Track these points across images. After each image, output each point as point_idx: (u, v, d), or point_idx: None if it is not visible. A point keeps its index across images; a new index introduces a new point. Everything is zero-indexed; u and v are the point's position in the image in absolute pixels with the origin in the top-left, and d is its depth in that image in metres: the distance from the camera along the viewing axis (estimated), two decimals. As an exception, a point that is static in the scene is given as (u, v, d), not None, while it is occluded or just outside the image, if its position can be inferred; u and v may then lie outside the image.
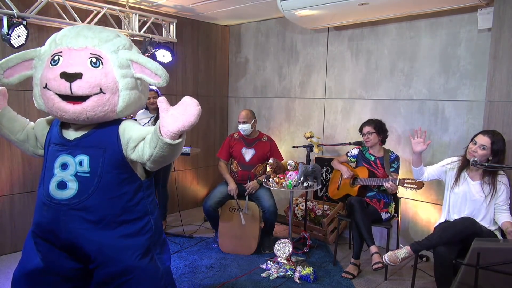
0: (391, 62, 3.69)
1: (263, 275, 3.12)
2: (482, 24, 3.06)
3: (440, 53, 3.38)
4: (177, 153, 1.74)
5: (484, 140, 2.54)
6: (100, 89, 1.73)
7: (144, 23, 4.02)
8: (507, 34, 2.79)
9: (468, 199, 2.64)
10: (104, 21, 3.71)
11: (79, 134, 1.82)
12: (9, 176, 3.46)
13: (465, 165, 2.70)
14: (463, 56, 3.26)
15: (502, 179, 2.59)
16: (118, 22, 3.85)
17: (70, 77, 1.68)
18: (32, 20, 3.25)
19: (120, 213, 1.81)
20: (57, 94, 1.71)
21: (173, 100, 4.58)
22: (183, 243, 3.76)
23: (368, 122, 3.34)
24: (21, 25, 3.06)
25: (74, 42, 1.76)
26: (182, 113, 1.58)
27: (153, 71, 1.78)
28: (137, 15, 3.90)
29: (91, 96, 1.72)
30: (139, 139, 1.79)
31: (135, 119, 3.76)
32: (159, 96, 3.86)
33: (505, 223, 2.53)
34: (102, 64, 1.75)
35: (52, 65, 1.72)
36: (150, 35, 4.01)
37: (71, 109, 1.71)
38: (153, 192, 2.01)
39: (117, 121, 1.87)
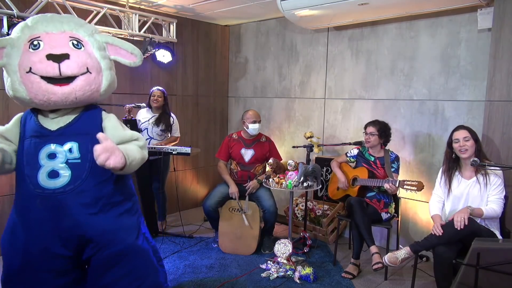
0: (391, 62, 3.69)
1: (263, 275, 3.12)
2: (482, 24, 3.06)
3: (440, 53, 3.38)
4: (135, 165, 1.85)
5: (463, 133, 2.63)
6: (87, 68, 1.79)
7: (144, 23, 4.02)
8: (507, 34, 2.79)
9: (467, 199, 2.63)
10: (104, 21, 3.72)
11: (62, 123, 1.85)
12: (9, 176, 3.45)
13: (450, 168, 2.71)
14: (463, 56, 3.26)
15: (495, 171, 2.58)
16: (118, 22, 3.85)
17: (58, 57, 1.72)
18: (32, 20, 3.25)
19: (112, 194, 1.89)
20: (42, 77, 1.71)
21: (173, 100, 4.60)
22: (183, 243, 3.76)
23: (374, 123, 3.32)
24: (21, 25, 3.05)
25: (51, 27, 1.79)
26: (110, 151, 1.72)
27: (130, 51, 1.93)
28: (137, 15, 3.91)
29: (78, 76, 1.77)
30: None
31: (135, 119, 3.77)
32: (165, 95, 3.89)
33: (476, 208, 2.49)
34: (83, 46, 1.82)
35: (33, 49, 1.73)
36: (150, 35, 4.01)
37: (59, 91, 1.74)
38: (130, 176, 2.11)
39: (96, 109, 1.95)
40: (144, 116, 3.88)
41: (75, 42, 1.81)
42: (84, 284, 1.98)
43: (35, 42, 1.75)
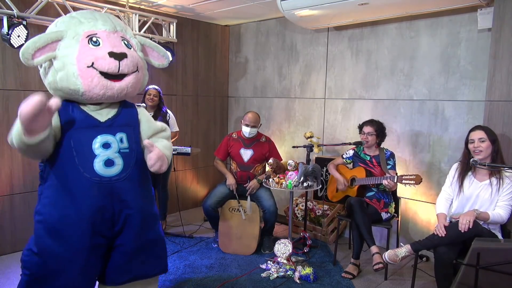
0: (391, 62, 3.69)
1: (263, 275, 3.12)
2: (482, 24, 3.05)
3: (440, 53, 3.38)
4: (166, 166, 2.07)
5: (479, 134, 2.56)
6: (137, 67, 1.94)
7: (144, 23, 4.02)
8: (507, 34, 2.79)
9: (475, 201, 2.58)
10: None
11: (110, 115, 1.96)
12: (9, 176, 3.46)
13: (466, 168, 2.65)
14: (463, 56, 3.26)
15: (510, 177, 2.52)
16: (118, 22, 3.85)
17: (119, 56, 1.84)
18: (32, 20, 3.26)
19: (148, 182, 2.10)
20: (101, 73, 1.82)
21: (173, 100, 4.60)
22: (183, 243, 3.76)
23: (371, 123, 3.33)
24: (21, 25, 3.06)
25: (107, 25, 1.92)
26: (153, 158, 1.99)
27: (162, 54, 2.14)
28: (137, 15, 3.91)
29: (130, 74, 1.90)
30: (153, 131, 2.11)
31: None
32: (160, 95, 3.90)
33: (483, 212, 2.47)
34: (131, 46, 1.98)
35: (94, 45, 1.83)
36: (150, 35, 4.01)
37: (116, 85, 1.87)
38: None
39: (131, 103, 2.10)
40: None
41: (126, 43, 1.95)
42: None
43: (94, 39, 1.85)
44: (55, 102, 1.61)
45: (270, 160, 3.49)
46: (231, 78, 5.24)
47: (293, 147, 3.94)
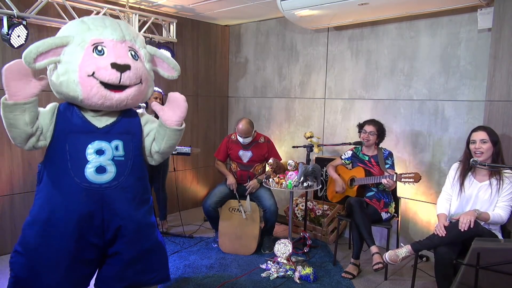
0: (391, 62, 3.69)
1: (263, 275, 3.12)
2: (482, 24, 3.05)
3: (440, 53, 3.38)
4: (179, 139, 2.06)
5: (481, 135, 2.55)
6: (141, 79, 1.90)
7: (144, 23, 4.02)
8: (507, 34, 2.79)
9: (475, 201, 2.58)
10: (104, 21, 3.71)
11: (108, 122, 1.94)
12: (9, 176, 3.46)
13: (467, 168, 2.65)
14: (463, 56, 3.26)
15: (510, 177, 2.51)
16: (118, 22, 3.84)
17: (121, 67, 1.80)
18: (32, 20, 3.25)
19: (144, 191, 2.06)
20: (101, 83, 1.79)
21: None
22: (183, 243, 3.76)
23: (373, 122, 3.33)
24: (21, 25, 3.05)
25: (115, 34, 1.87)
26: (177, 106, 1.98)
27: (172, 66, 2.08)
28: (137, 15, 3.90)
29: (131, 86, 1.87)
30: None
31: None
32: (162, 97, 3.91)
33: (483, 213, 2.46)
34: (138, 57, 1.93)
35: (98, 54, 1.80)
36: (150, 35, 4.01)
37: (116, 97, 1.84)
38: None
39: (132, 110, 2.08)
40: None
41: (133, 53, 1.90)
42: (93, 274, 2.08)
43: (99, 48, 1.82)
44: (44, 79, 1.81)
45: (270, 160, 3.49)
46: (231, 78, 5.24)
47: (293, 147, 3.94)
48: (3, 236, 3.47)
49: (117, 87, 1.83)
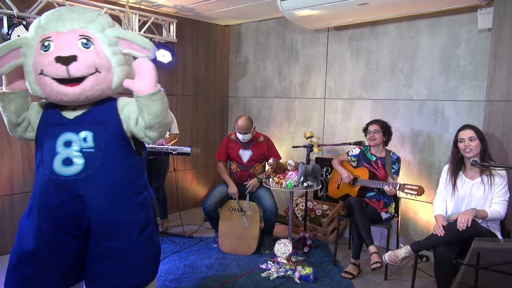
0: (391, 62, 3.69)
1: (263, 275, 3.12)
2: (482, 24, 3.05)
3: (440, 53, 3.38)
4: (164, 102, 1.86)
5: (469, 133, 2.60)
6: (96, 68, 1.78)
7: (144, 23, 4.02)
8: (507, 34, 2.79)
9: (470, 200, 2.61)
10: (104, 21, 3.71)
11: (78, 112, 1.87)
12: (9, 176, 3.46)
13: (457, 168, 2.69)
14: (463, 56, 3.26)
15: (500, 172, 2.56)
16: (118, 22, 3.79)
17: (65, 60, 1.71)
18: (32, 20, 3.24)
19: (125, 185, 1.91)
20: (53, 78, 1.73)
21: (173, 100, 4.59)
22: (183, 243, 3.76)
23: (376, 121, 3.33)
24: (21, 25, 3.06)
25: (60, 26, 1.77)
26: (144, 72, 1.79)
27: (142, 45, 1.85)
28: (137, 15, 3.91)
29: (87, 76, 1.76)
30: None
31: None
32: (165, 94, 3.90)
33: (481, 210, 2.49)
34: (93, 44, 1.79)
35: (44, 50, 1.74)
36: (150, 35, 4.01)
37: (70, 91, 1.76)
38: (145, 171, 2.10)
39: (111, 99, 1.95)
40: None
41: (84, 41, 1.78)
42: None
43: (46, 43, 1.75)
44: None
45: (270, 160, 3.49)
46: (231, 78, 5.24)
47: (293, 147, 3.94)
48: (3, 236, 3.47)
49: (72, 81, 1.75)
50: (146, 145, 2.17)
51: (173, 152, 3.60)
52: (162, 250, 3.53)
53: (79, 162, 1.81)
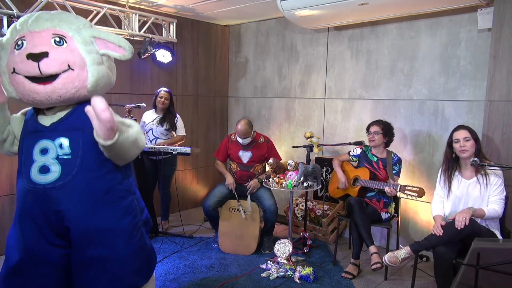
0: (391, 62, 3.69)
1: (263, 275, 3.12)
2: (482, 24, 3.05)
3: (440, 53, 3.38)
4: (125, 147, 1.74)
5: (463, 133, 2.61)
6: (68, 65, 1.73)
7: (144, 23, 4.02)
8: (507, 34, 2.79)
9: (467, 199, 2.62)
10: (104, 21, 3.72)
11: (55, 119, 1.83)
12: (9, 176, 3.46)
13: (451, 167, 2.70)
14: (463, 56, 3.26)
15: (495, 171, 2.57)
16: (118, 22, 3.85)
17: (36, 56, 1.68)
18: (32, 20, 3.25)
19: (105, 192, 1.83)
20: (26, 77, 1.70)
21: (173, 100, 4.59)
22: (183, 243, 3.76)
23: (377, 122, 3.32)
24: (21, 25, 3.05)
25: (35, 25, 1.75)
26: (96, 124, 1.60)
27: (117, 43, 1.81)
28: (137, 15, 3.91)
29: (60, 73, 1.72)
30: None
31: (135, 119, 3.77)
32: (171, 96, 3.92)
33: (478, 209, 2.50)
34: (66, 42, 1.76)
35: (17, 49, 1.72)
36: (150, 35, 4.01)
37: (42, 90, 1.72)
38: (132, 173, 2.03)
39: (86, 105, 1.86)
40: (149, 117, 3.94)
41: (57, 39, 1.75)
42: None
43: (19, 42, 1.73)
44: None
45: (270, 160, 3.49)
46: (231, 78, 5.24)
47: (293, 147, 3.94)
48: (3, 236, 3.46)
49: (45, 79, 1.71)
50: (145, 145, 2.13)
51: (173, 152, 3.61)
52: (162, 250, 3.55)
53: (55, 169, 1.76)
